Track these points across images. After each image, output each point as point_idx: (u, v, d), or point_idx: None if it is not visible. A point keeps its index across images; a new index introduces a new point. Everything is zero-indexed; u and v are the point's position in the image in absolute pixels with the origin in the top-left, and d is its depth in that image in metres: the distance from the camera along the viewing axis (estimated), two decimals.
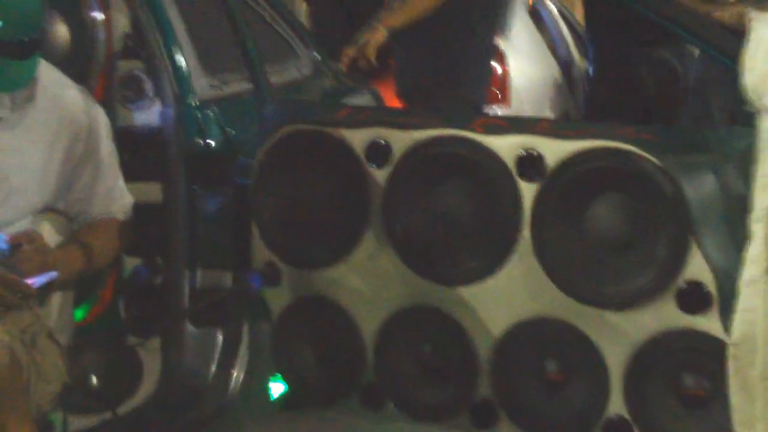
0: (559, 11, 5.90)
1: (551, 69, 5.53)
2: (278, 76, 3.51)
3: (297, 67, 3.73)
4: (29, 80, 2.45)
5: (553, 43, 5.59)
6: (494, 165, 2.56)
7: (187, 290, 2.96)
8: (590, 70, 5.98)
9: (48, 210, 2.60)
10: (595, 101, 5.90)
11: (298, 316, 2.84)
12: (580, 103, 5.93)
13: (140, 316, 3.03)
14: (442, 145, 2.62)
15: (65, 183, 2.58)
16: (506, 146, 2.55)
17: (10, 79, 2.40)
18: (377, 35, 3.66)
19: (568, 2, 6.90)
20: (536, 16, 5.68)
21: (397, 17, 3.71)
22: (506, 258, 2.57)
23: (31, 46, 2.40)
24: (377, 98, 4.14)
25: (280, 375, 2.93)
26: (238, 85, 3.22)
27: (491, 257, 2.59)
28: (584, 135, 2.51)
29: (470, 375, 2.65)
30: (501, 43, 4.75)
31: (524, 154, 2.53)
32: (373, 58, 3.65)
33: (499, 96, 4.84)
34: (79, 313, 2.88)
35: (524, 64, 5.09)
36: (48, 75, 2.59)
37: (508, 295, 2.58)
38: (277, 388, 2.98)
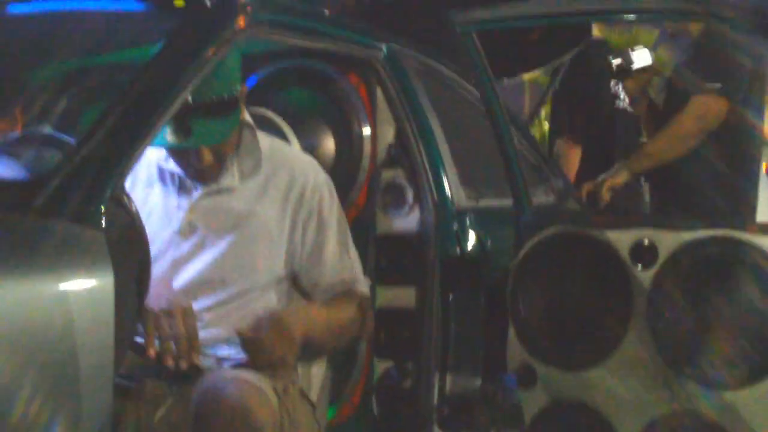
0: None
1: None
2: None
3: (545, 192, 3.79)
4: (225, 137, 2.50)
5: None
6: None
7: (436, 395, 2.97)
8: None
9: (285, 284, 2.63)
10: None
11: (553, 420, 2.79)
12: None
13: (389, 419, 3.04)
14: (713, 246, 2.59)
15: (295, 245, 2.60)
16: None
17: (205, 136, 2.46)
18: (617, 178, 3.71)
19: None
20: None
21: (643, 164, 3.80)
22: None
23: (225, 105, 2.46)
24: None
25: None
26: (496, 199, 3.28)
27: (764, 362, 2.50)
28: None
29: None
30: None
31: None
32: (606, 198, 3.69)
33: None
34: (330, 412, 2.92)
35: None
36: (273, 145, 2.69)
37: None
38: None
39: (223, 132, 2.49)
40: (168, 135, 2.38)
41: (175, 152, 2.53)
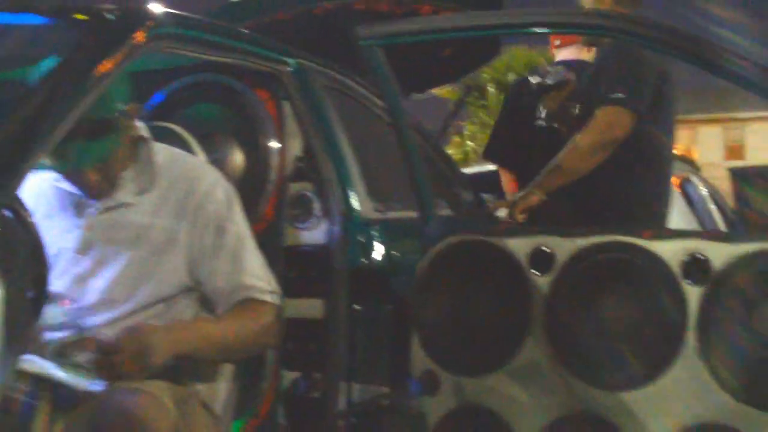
0: (710, 193, 5.97)
1: None
2: (438, 210, 3.61)
3: (451, 205, 3.84)
4: (102, 159, 2.54)
5: (702, 222, 5.63)
6: (659, 270, 2.58)
7: (344, 404, 3.00)
8: None
9: (195, 293, 2.66)
10: None
11: (456, 425, 2.83)
12: None
13: (297, 430, 3.06)
14: (606, 251, 2.66)
15: (194, 254, 2.62)
16: (671, 251, 2.58)
17: (82, 158, 2.50)
18: (531, 198, 3.68)
19: None
20: (686, 195, 5.75)
21: (554, 181, 3.72)
22: (671, 362, 2.56)
23: (103, 126, 2.50)
24: None
25: None
26: (403, 212, 3.33)
27: (655, 362, 2.58)
28: (751, 239, 2.53)
29: None
30: None
31: (690, 258, 2.55)
32: (519, 219, 3.69)
33: None
34: (238, 425, 2.94)
35: None
36: (172, 157, 2.72)
37: (672, 401, 2.56)
38: None
39: (101, 153, 2.53)
40: (47, 156, 2.40)
41: (63, 172, 2.56)
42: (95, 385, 2.36)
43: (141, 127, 2.69)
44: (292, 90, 3.21)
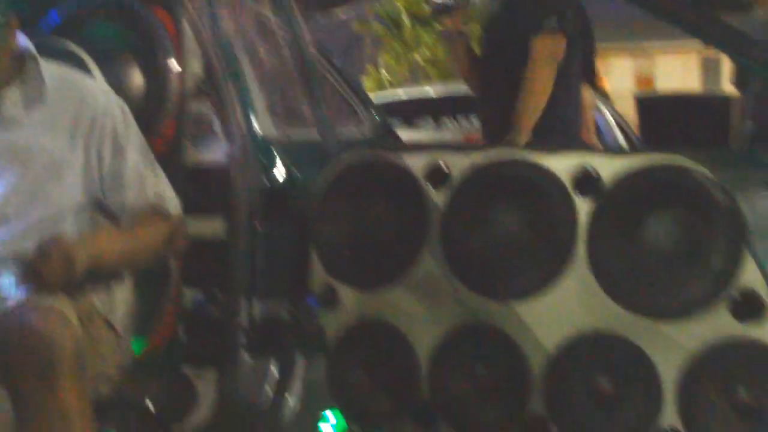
0: (615, 119, 6.07)
1: None
2: (341, 132, 3.64)
3: (358, 128, 3.87)
4: None
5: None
6: (550, 183, 2.64)
7: (244, 321, 3.02)
8: None
9: (88, 210, 2.65)
10: None
11: (354, 338, 2.88)
12: None
13: (198, 347, 3.08)
14: (499, 166, 2.71)
15: (92, 171, 2.61)
16: (563, 165, 2.64)
17: None
18: (520, 141, 3.72)
19: None
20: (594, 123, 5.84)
21: (531, 120, 3.77)
22: (561, 273, 2.63)
23: None
24: None
25: (334, 404, 2.95)
26: (305, 133, 3.35)
27: (546, 272, 2.65)
28: (639, 153, 2.59)
29: (523, 392, 2.67)
30: None
31: (580, 171, 2.61)
32: None
33: None
34: (138, 345, 2.94)
35: None
36: (62, 74, 2.69)
37: (561, 310, 2.63)
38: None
39: None
40: None
41: None
42: (20, 295, 2.36)
43: (26, 43, 2.65)
44: (191, 9, 3.18)
